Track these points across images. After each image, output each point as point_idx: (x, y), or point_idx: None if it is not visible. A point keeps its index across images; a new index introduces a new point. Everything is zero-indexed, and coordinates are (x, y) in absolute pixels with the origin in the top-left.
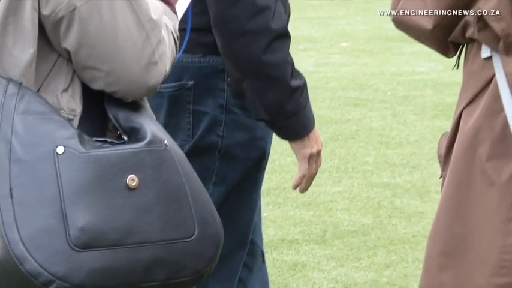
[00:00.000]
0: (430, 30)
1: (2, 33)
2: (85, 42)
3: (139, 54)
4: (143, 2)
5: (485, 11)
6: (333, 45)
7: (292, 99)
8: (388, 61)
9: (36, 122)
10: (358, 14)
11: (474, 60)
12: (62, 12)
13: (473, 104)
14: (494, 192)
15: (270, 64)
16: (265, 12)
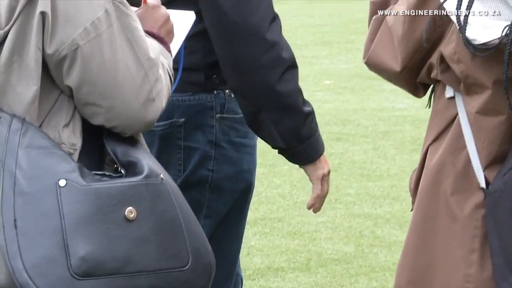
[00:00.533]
0: (399, 72)
1: (7, 71)
2: (87, 79)
3: (138, 91)
4: (142, 41)
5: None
6: (316, 83)
7: (306, 125)
8: (369, 98)
9: (39, 156)
10: (340, 53)
11: (439, 100)
12: (65, 51)
13: (438, 141)
14: (457, 224)
15: (284, 94)
16: (275, 46)
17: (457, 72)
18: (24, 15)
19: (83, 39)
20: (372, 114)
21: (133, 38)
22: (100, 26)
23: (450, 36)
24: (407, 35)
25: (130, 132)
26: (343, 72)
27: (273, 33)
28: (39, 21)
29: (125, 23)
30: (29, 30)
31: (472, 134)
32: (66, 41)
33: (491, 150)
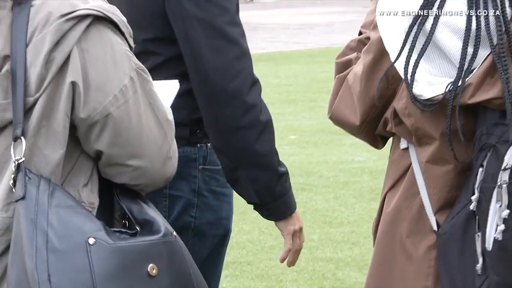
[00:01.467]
0: (358, 126)
1: (35, 135)
2: (116, 142)
3: (160, 150)
4: (161, 105)
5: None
6: (282, 137)
7: (280, 184)
8: (331, 151)
9: (68, 215)
10: (304, 111)
11: (395, 151)
12: (97, 117)
13: (395, 188)
14: (412, 264)
15: (261, 153)
16: (254, 108)
17: (408, 125)
18: (54, 84)
19: (113, 105)
20: (333, 166)
21: (154, 102)
22: (127, 92)
23: (401, 92)
24: (364, 92)
25: (150, 189)
26: (307, 128)
27: (252, 96)
28: (69, 89)
29: (146, 88)
30: (58, 98)
31: (424, 181)
32: (98, 107)
33: (441, 196)
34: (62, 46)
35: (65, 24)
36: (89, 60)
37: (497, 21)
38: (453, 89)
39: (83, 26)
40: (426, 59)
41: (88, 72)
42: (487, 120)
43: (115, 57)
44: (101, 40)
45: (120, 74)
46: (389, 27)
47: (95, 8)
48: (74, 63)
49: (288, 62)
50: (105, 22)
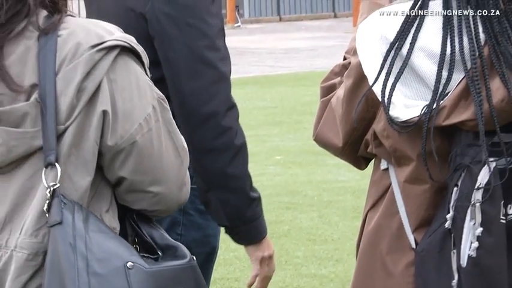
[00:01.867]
0: (341, 148)
1: (65, 163)
2: (140, 169)
3: (177, 177)
4: (178, 133)
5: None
6: (268, 158)
7: (251, 209)
8: (315, 172)
9: (103, 240)
10: (289, 132)
11: (376, 172)
12: (124, 144)
13: (376, 207)
14: (392, 280)
15: (233, 177)
16: (229, 132)
17: (387, 146)
18: (84, 113)
19: (138, 133)
20: (317, 186)
21: (172, 130)
22: (150, 121)
23: (380, 115)
24: (346, 115)
25: (165, 214)
26: (292, 149)
27: (228, 120)
28: (100, 118)
29: (166, 117)
30: (88, 126)
31: (403, 200)
32: (124, 135)
33: (418, 214)
34: (93, 76)
35: (96, 54)
36: (116, 90)
37: (471, 46)
38: (428, 112)
39: (111, 56)
40: (403, 82)
41: (116, 101)
42: (461, 142)
43: (139, 87)
44: (127, 70)
45: (144, 103)
46: (368, 52)
47: (121, 39)
48: (104, 92)
49: (273, 85)
50: (129, 53)
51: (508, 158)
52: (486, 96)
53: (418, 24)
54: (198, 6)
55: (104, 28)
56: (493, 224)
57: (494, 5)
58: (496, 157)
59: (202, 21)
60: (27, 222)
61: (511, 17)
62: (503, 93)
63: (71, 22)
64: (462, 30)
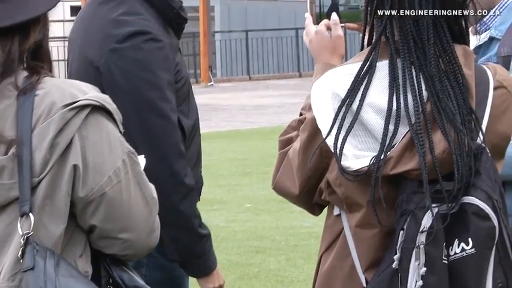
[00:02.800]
0: (298, 196)
1: (40, 212)
2: (109, 218)
3: (146, 224)
4: (148, 184)
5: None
6: (239, 206)
7: (200, 245)
8: (282, 218)
9: (73, 284)
10: (258, 182)
11: (329, 217)
12: (94, 195)
13: (329, 250)
14: None
15: (183, 215)
16: (179, 173)
17: (339, 194)
18: (57, 166)
19: (107, 185)
20: (284, 231)
21: (142, 182)
22: (120, 173)
23: (333, 165)
24: (302, 166)
25: (136, 258)
26: (261, 198)
27: (179, 164)
28: (71, 171)
29: (136, 170)
30: (60, 179)
31: (354, 244)
32: (95, 187)
33: (368, 256)
34: (65, 133)
35: (68, 113)
36: (87, 145)
37: (415, 103)
38: (376, 162)
39: (83, 114)
40: (353, 135)
41: (87, 156)
42: (406, 189)
43: (110, 143)
44: (98, 127)
45: (114, 157)
46: (321, 108)
47: (93, 98)
48: (75, 148)
49: (244, 139)
50: (101, 111)
51: (449, 204)
52: (429, 148)
53: (367, 82)
54: (148, 61)
55: (79, 88)
56: (436, 264)
57: (435, 66)
58: (438, 203)
59: (153, 75)
60: (5, 267)
61: (450, 76)
62: (445, 145)
63: (48, 82)
64: (407, 88)
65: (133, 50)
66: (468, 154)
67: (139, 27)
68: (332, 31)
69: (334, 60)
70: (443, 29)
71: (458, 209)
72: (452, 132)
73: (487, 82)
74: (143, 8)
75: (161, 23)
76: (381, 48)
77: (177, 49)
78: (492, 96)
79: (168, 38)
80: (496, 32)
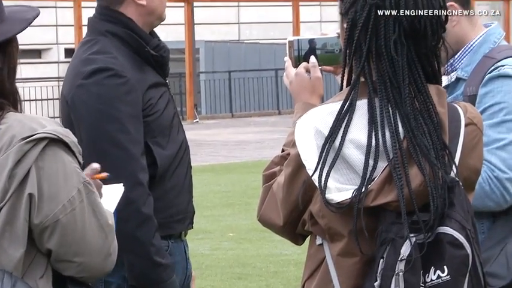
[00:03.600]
0: (282, 227)
1: (0, 238)
2: (64, 243)
3: (101, 249)
4: (103, 212)
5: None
6: (223, 235)
7: (156, 273)
8: (263, 246)
9: None
10: (240, 213)
11: (312, 246)
12: (48, 222)
13: (312, 277)
14: None
15: (138, 241)
16: (136, 202)
17: (322, 225)
18: (15, 195)
19: (62, 213)
20: (265, 258)
21: (97, 209)
22: (74, 202)
23: (316, 197)
24: (286, 198)
25: (92, 280)
26: (243, 227)
27: (135, 193)
28: (27, 200)
29: (91, 199)
30: (19, 207)
31: (336, 271)
32: (49, 214)
33: (349, 283)
34: (22, 164)
35: (26, 145)
36: (43, 176)
37: (393, 139)
38: (358, 194)
39: (40, 147)
40: (336, 170)
41: (43, 186)
42: (386, 220)
43: (66, 173)
44: (54, 159)
45: (69, 187)
46: (305, 145)
47: (50, 132)
48: (31, 178)
49: (227, 172)
50: (58, 143)
51: (426, 234)
52: (406, 181)
53: (348, 120)
54: (109, 95)
55: (38, 122)
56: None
57: (410, 104)
58: (415, 233)
59: (112, 108)
60: None
61: (425, 114)
62: (421, 178)
63: (11, 118)
64: (384, 125)
65: (96, 85)
66: (442, 187)
67: (103, 64)
68: (311, 73)
69: (314, 100)
70: (417, 70)
71: (434, 239)
72: (428, 166)
73: (458, 119)
74: (115, 47)
75: (135, 60)
76: (360, 88)
77: (155, 85)
78: (464, 132)
79: (138, 74)
80: (463, 73)
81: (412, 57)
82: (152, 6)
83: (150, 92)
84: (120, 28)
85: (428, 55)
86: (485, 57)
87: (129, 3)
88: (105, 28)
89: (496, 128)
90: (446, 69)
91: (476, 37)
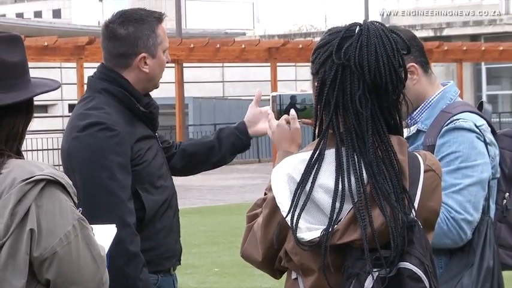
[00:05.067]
0: (261, 262)
1: (3, 270)
2: (60, 273)
3: (94, 278)
4: (96, 245)
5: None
6: (208, 270)
7: None
8: (245, 280)
9: None
10: (225, 250)
11: (288, 280)
12: (47, 255)
13: None
14: None
15: (127, 276)
16: (124, 241)
17: (295, 261)
18: (17, 231)
19: (58, 246)
20: None
21: (90, 243)
22: (70, 236)
23: (290, 237)
24: (263, 237)
25: None
26: (227, 263)
27: (124, 232)
28: (28, 234)
29: (85, 233)
30: (20, 241)
31: None
32: (47, 247)
33: None
34: (23, 203)
35: (26, 186)
36: (42, 213)
37: (357, 184)
38: (326, 234)
39: (38, 187)
40: (306, 212)
41: (41, 222)
42: (352, 256)
43: (62, 211)
44: (51, 198)
45: (65, 223)
46: (280, 189)
47: (47, 174)
48: (31, 215)
49: (212, 214)
50: (55, 184)
51: (387, 269)
52: (369, 222)
53: (317, 167)
54: (101, 146)
55: (37, 166)
56: None
57: (373, 153)
58: (378, 268)
59: (103, 157)
60: None
61: (386, 161)
62: (382, 219)
63: (12, 163)
64: (350, 172)
65: (88, 138)
66: (402, 227)
67: (96, 119)
68: (291, 124)
69: (293, 149)
70: (380, 122)
71: (395, 273)
72: (388, 208)
73: (418, 166)
74: (109, 103)
75: (127, 116)
76: (329, 138)
77: (144, 138)
78: (423, 177)
79: (128, 128)
80: (423, 125)
81: (376, 110)
82: (153, 74)
83: (139, 144)
84: (115, 87)
85: (390, 109)
86: (442, 112)
87: (133, 69)
88: (102, 86)
89: (452, 174)
90: (407, 122)
91: (435, 94)
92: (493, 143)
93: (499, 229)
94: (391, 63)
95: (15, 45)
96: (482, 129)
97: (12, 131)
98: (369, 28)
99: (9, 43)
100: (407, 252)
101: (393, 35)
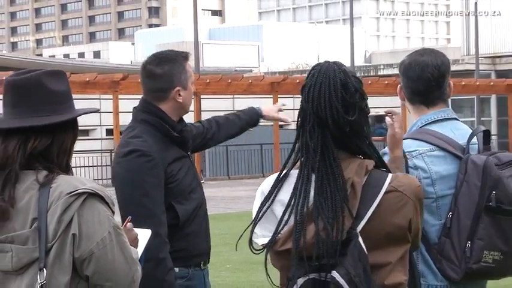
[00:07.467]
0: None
1: (51, 268)
2: (98, 271)
3: (126, 276)
4: (129, 248)
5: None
6: (222, 266)
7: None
8: (252, 275)
9: None
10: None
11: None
12: (85, 255)
13: None
14: None
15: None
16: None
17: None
18: (63, 236)
19: (96, 248)
20: (253, 284)
21: (124, 247)
22: (106, 241)
23: None
24: None
25: None
26: (237, 261)
27: (154, 240)
28: (71, 238)
29: (119, 238)
30: (65, 244)
31: None
32: (86, 249)
33: None
34: (68, 212)
35: (70, 198)
36: (82, 221)
37: (302, 203)
38: (270, 241)
39: (81, 199)
40: (266, 221)
41: (82, 228)
42: (292, 261)
43: (100, 219)
44: (91, 208)
45: (102, 229)
46: (255, 201)
47: (89, 188)
48: (74, 222)
49: (224, 220)
50: (95, 196)
51: (319, 274)
52: (303, 234)
53: (280, 185)
54: (137, 170)
55: (81, 181)
56: None
57: (320, 176)
58: (314, 274)
59: (140, 179)
60: None
61: (331, 183)
62: (313, 233)
63: (60, 178)
64: (301, 193)
65: (128, 162)
66: (334, 241)
67: (135, 146)
68: None
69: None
70: (329, 150)
71: (324, 280)
72: (322, 224)
73: (380, 187)
74: (148, 132)
75: (162, 141)
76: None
77: (177, 159)
78: (381, 197)
79: (163, 152)
80: None
81: (327, 140)
82: (186, 102)
83: (172, 165)
84: (152, 117)
85: (350, 137)
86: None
87: (170, 100)
88: (142, 117)
89: None
90: None
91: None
92: (418, 167)
93: (443, 243)
94: (332, 100)
95: (60, 78)
96: (410, 154)
97: (62, 146)
98: (320, 69)
99: (55, 76)
100: (337, 263)
101: (341, 75)
